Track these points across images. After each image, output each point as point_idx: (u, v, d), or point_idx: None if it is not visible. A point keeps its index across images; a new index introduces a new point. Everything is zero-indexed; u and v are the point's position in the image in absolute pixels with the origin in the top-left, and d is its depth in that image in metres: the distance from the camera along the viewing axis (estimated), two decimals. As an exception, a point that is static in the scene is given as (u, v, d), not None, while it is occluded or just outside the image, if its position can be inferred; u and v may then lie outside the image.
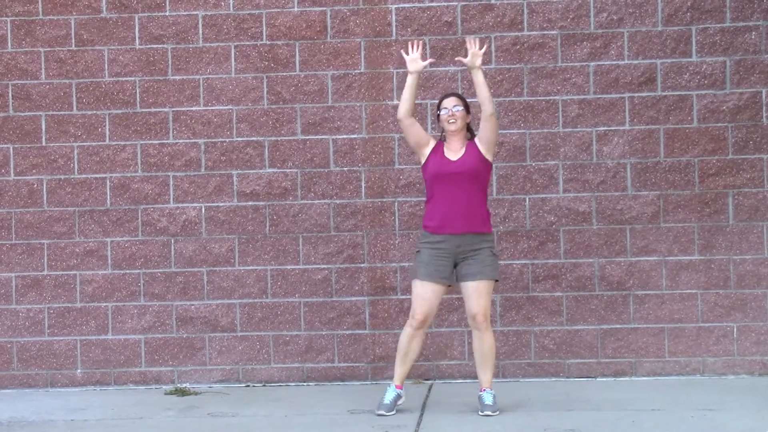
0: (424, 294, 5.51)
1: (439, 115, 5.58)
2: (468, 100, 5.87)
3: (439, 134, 5.76)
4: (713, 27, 6.43)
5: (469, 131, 5.64)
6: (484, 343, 5.51)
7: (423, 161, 5.67)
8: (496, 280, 5.59)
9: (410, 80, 5.56)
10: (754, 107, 6.43)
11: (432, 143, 5.63)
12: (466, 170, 5.47)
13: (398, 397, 5.58)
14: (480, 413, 5.43)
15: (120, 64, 6.62)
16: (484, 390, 5.51)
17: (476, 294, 5.46)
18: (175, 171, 6.61)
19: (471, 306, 5.49)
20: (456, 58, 5.91)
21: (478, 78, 5.48)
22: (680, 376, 6.41)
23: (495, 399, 5.48)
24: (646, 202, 6.47)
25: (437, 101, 5.78)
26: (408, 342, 5.58)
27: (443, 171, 5.49)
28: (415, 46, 5.52)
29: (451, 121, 5.50)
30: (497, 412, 5.42)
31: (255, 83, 6.62)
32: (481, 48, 5.46)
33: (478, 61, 5.45)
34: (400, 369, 5.65)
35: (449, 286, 5.60)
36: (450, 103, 5.54)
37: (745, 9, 6.42)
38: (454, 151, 5.50)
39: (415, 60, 5.46)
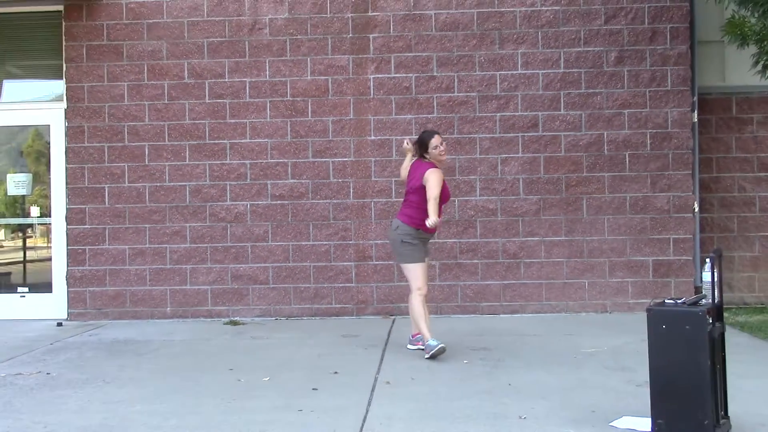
0: None
1: (430, 147, 5.61)
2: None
3: (414, 154, 5.89)
4: (574, 92, 7.71)
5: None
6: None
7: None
8: (413, 263, 5.71)
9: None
10: (599, 143, 7.73)
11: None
12: (416, 186, 5.73)
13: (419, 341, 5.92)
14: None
15: (196, 112, 7.80)
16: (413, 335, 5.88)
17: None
18: (230, 181, 7.79)
19: None
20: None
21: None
22: (553, 314, 7.60)
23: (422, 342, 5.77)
24: (532, 203, 7.67)
25: (422, 135, 5.82)
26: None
27: (409, 184, 5.81)
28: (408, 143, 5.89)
29: (443, 157, 5.71)
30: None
31: (282, 125, 7.74)
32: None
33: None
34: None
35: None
36: (441, 141, 5.68)
37: (593, 81, 7.72)
38: (415, 168, 5.72)
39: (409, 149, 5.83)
